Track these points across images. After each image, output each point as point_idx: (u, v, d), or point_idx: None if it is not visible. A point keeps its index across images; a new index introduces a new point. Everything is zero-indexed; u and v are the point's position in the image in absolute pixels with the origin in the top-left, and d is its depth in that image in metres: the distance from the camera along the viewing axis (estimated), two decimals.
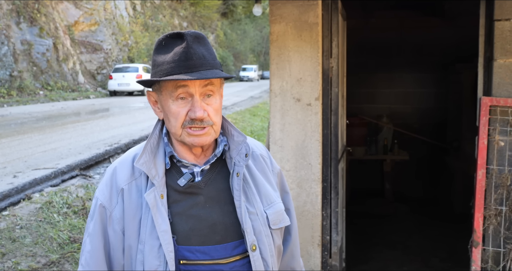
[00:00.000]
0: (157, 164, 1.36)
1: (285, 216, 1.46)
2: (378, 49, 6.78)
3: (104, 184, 1.40)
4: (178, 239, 1.33)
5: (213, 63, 1.33)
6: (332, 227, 3.52)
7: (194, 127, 1.32)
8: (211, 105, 1.34)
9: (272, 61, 3.35)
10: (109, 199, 1.37)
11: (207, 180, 1.38)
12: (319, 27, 3.28)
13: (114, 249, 1.36)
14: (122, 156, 1.46)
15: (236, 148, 1.41)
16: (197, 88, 1.31)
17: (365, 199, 6.55)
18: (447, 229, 5.43)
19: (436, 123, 6.83)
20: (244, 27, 53.19)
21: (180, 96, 1.32)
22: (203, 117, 1.32)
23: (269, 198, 1.44)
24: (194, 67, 1.30)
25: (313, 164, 3.35)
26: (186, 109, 1.32)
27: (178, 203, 1.35)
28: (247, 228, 1.35)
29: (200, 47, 1.32)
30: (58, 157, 7.91)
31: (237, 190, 1.37)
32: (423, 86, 6.89)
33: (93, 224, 1.37)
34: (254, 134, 12.00)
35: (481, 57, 3.15)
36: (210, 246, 1.34)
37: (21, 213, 4.96)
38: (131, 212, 1.35)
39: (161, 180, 1.35)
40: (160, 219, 1.31)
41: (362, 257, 4.65)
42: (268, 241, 1.40)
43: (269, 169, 1.50)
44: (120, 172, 1.40)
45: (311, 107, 3.31)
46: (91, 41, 27.93)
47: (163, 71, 1.32)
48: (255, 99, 23.01)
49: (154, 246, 1.31)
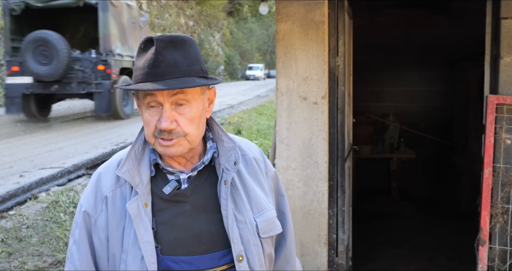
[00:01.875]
0: (142, 171, 1.31)
1: (276, 224, 1.41)
2: (385, 47, 6.77)
3: (89, 191, 1.35)
4: (162, 248, 1.29)
5: (186, 71, 1.25)
6: (338, 226, 3.52)
7: (162, 139, 1.27)
8: (183, 114, 1.27)
9: (279, 60, 3.36)
10: (93, 206, 1.33)
11: (194, 187, 1.33)
12: (326, 26, 3.28)
13: (99, 257, 1.33)
14: (108, 161, 1.40)
15: (225, 154, 1.35)
16: (165, 98, 1.24)
17: (371, 197, 6.55)
18: (453, 227, 5.42)
19: (442, 121, 6.81)
20: (250, 26, 53.18)
21: (150, 105, 1.27)
22: (171, 129, 1.25)
23: (259, 205, 1.39)
24: (161, 75, 1.23)
25: (320, 162, 3.36)
26: (156, 118, 1.26)
27: (163, 212, 1.31)
28: (233, 238, 1.31)
29: (173, 53, 1.24)
30: (65, 156, 7.95)
31: (224, 198, 1.32)
32: (429, 85, 6.87)
33: (78, 231, 1.34)
34: (260, 133, 12.00)
35: (488, 55, 3.14)
36: (196, 256, 1.30)
37: (27, 212, 4.99)
38: (114, 220, 1.30)
39: (145, 188, 1.30)
40: (142, 229, 1.27)
41: (369, 256, 4.65)
42: (257, 250, 1.35)
43: (262, 173, 1.44)
44: (104, 179, 1.35)
45: (317, 106, 3.32)
46: None
47: (135, 77, 1.27)
48: (261, 98, 23.00)
49: (136, 256, 1.27)
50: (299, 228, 3.45)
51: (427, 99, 6.90)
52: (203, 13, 45.02)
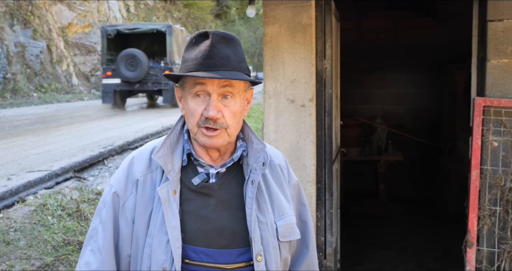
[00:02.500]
0: (174, 159, 1.36)
1: (295, 230, 1.44)
2: (372, 50, 6.79)
3: (121, 173, 1.39)
4: (185, 237, 1.32)
5: (236, 65, 1.32)
6: (326, 228, 3.52)
7: (208, 128, 1.31)
8: (228, 107, 1.32)
9: (266, 62, 3.35)
10: (124, 188, 1.37)
11: (221, 183, 1.37)
12: (313, 29, 3.28)
13: (123, 239, 1.36)
14: (141, 147, 1.46)
15: (254, 155, 1.39)
16: (214, 88, 1.30)
17: (359, 200, 6.56)
18: (442, 229, 5.44)
19: (430, 124, 6.85)
20: (238, 29, 53.21)
21: (198, 94, 1.31)
22: (217, 118, 1.30)
23: (281, 209, 1.42)
24: (214, 66, 1.29)
25: (307, 165, 3.35)
26: (203, 107, 1.31)
27: (190, 202, 1.35)
28: (255, 237, 1.34)
29: (226, 48, 1.31)
30: (52, 159, 7.87)
31: (250, 197, 1.35)
32: (417, 87, 6.91)
33: (106, 211, 1.36)
34: None
35: (475, 57, 3.16)
36: (215, 249, 1.32)
37: (15, 215, 4.92)
38: (142, 204, 1.34)
39: (176, 175, 1.34)
40: (170, 214, 1.30)
41: (357, 258, 4.65)
42: (275, 252, 1.38)
43: (285, 180, 1.48)
44: (137, 163, 1.39)
45: (305, 108, 3.31)
46: (84, 43, 27.85)
47: (186, 67, 1.32)
48: None
49: (162, 240, 1.30)
50: None
51: (414, 102, 6.94)
52: (191, 16, 44.97)
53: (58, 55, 24.54)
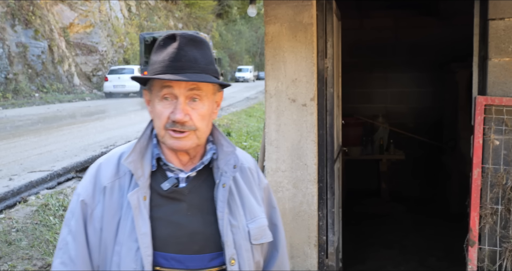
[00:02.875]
0: (144, 164, 1.34)
1: (267, 232, 1.44)
2: (373, 49, 6.78)
3: (88, 181, 1.36)
4: (155, 244, 1.29)
5: (204, 68, 1.30)
6: (328, 227, 3.51)
7: (175, 130, 1.30)
8: (196, 110, 1.31)
9: (267, 62, 3.35)
10: (92, 196, 1.33)
11: (192, 187, 1.35)
12: (314, 28, 3.28)
13: (92, 248, 1.33)
14: (108, 153, 1.43)
15: (224, 158, 1.38)
16: (182, 91, 1.29)
17: (361, 199, 6.55)
18: (443, 228, 5.44)
19: (432, 122, 6.84)
20: (240, 28, 53.21)
21: (165, 97, 1.30)
22: (184, 121, 1.29)
23: (253, 212, 1.41)
24: (182, 69, 1.28)
25: (309, 164, 3.35)
26: (170, 110, 1.30)
27: (160, 208, 1.32)
28: (227, 241, 1.32)
29: (193, 50, 1.30)
30: (54, 159, 7.90)
31: (222, 201, 1.34)
32: (418, 86, 6.90)
33: (75, 221, 1.33)
34: (250, 135, 11.99)
35: (476, 56, 3.16)
36: (187, 255, 1.30)
37: (17, 216, 4.95)
38: (110, 212, 1.31)
39: (146, 181, 1.32)
40: (141, 221, 1.28)
41: (359, 257, 4.65)
42: (248, 256, 1.37)
43: (255, 183, 1.48)
44: (104, 170, 1.36)
45: (306, 107, 3.31)
46: (86, 43, 27.89)
47: (153, 70, 1.31)
48: (251, 100, 23.01)
49: (131, 248, 1.28)
50: (288, 230, 3.43)
51: (416, 101, 6.93)
52: (192, 16, 44.99)
53: (60, 55, 24.57)
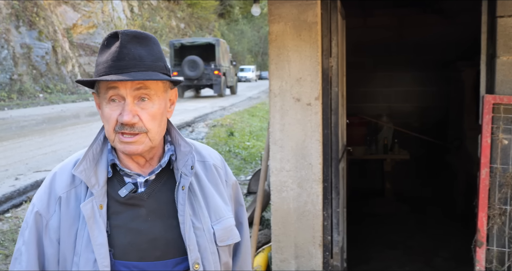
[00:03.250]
0: (98, 172, 1.27)
1: (234, 233, 1.38)
2: (378, 47, 6.75)
3: (43, 191, 1.30)
4: (116, 253, 1.25)
5: (151, 65, 1.24)
6: (333, 227, 3.49)
7: (125, 134, 1.23)
8: (146, 109, 1.24)
9: (271, 61, 3.32)
10: (46, 207, 1.28)
11: (151, 192, 1.29)
12: (318, 26, 3.25)
13: (49, 260, 1.28)
14: (64, 161, 1.36)
15: (182, 159, 1.32)
16: (128, 91, 1.22)
17: (365, 199, 6.51)
18: (449, 228, 5.40)
19: (436, 122, 6.79)
20: (242, 28, 53.19)
21: (112, 99, 1.24)
22: (133, 123, 1.22)
23: (218, 212, 1.35)
24: (125, 68, 1.21)
25: (314, 164, 3.32)
26: (117, 112, 1.23)
27: (118, 215, 1.27)
28: (190, 245, 1.27)
29: (138, 48, 1.23)
30: (59, 159, 7.90)
31: (182, 204, 1.28)
32: (423, 85, 6.86)
33: (28, 232, 1.28)
34: (253, 135, 11.96)
35: (484, 54, 3.11)
36: (149, 262, 1.25)
37: (23, 215, 4.96)
38: (67, 222, 1.26)
39: (102, 189, 1.26)
40: (96, 231, 1.23)
41: (363, 257, 4.61)
42: (214, 258, 1.32)
43: (222, 181, 1.42)
44: (59, 179, 1.30)
45: (311, 107, 3.28)
46: (89, 43, 27.92)
47: (97, 72, 1.25)
48: (253, 100, 22.98)
49: (89, 259, 1.23)
50: (293, 229, 3.41)
51: (421, 100, 6.88)
52: (194, 15, 45.00)
53: (63, 56, 24.61)
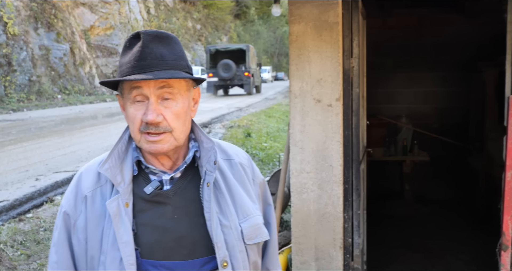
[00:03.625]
0: (124, 170, 1.27)
1: (263, 231, 1.36)
2: (397, 48, 6.69)
3: (69, 191, 1.32)
4: (142, 251, 1.23)
5: (173, 64, 1.24)
6: (354, 230, 3.46)
7: (150, 133, 1.23)
8: (170, 108, 1.24)
9: (292, 62, 3.30)
10: (73, 207, 1.28)
11: (177, 189, 1.29)
12: (340, 27, 3.22)
13: (78, 260, 1.28)
14: (90, 161, 1.38)
15: (205, 155, 1.31)
16: (152, 90, 1.22)
17: (384, 200, 6.46)
18: (470, 231, 5.32)
19: (456, 123, 6.71)
20: (258, 28, 53.24)
21: (136, 99, 1.24)
22: (158, 122, 1.22)
23: (245, 210, 1.33)
24: (148, 67, 1.21)
25: (334, 165, 3.30)
26: (142, 112, 1.23)
27: (144, 213, 1.26)
28: (218, 242, 1.25)
29: (160, 47, 1.23)
30: (78, 160, 7.99)
31: (207, 201, 1.27)
32: (443, 86, 6.78)
33: (58, 233, 1.30)
34: (270, 135, 11.94)
35: (509, 54, 3.05)
36: (176, 261, 1.24)
37: (44, 215, 5.01)
38: (94, 221, 1.26)
39: (127, 187, 1.26)
40: (122, 229, 1.22)
41: (383, 260, 4.57)
42: (242, 257, 1.29)
43: (249, 179, 1.40)
44: (85, 178, 1.31)
45: (331, 108, 3.26)
46: (106, 45, 28.19)
47: (120, 72, 1.25)
48: (269, 101, 22.97)
49: (115, 258, 1.22)
50: (313, 231, 3.39)
51: (440, 101, 6.81)
52: (210, 16, 45.16)
53: (81, 58, 24.88)
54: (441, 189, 6.70)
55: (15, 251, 4.19)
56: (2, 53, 18.68)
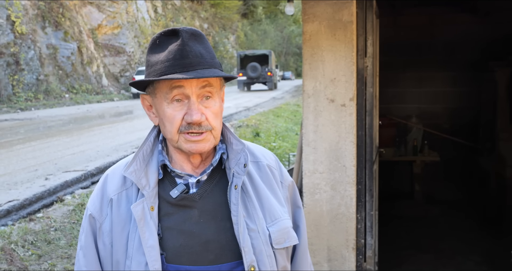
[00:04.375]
0: (149, 173, 1.25)
1: (291, 235, 1.32)
2: (407, 47, 6.65)
3: (95, 194, 1.30)
4: (168, 256, 1.21)
5: (211, 62, 1.22)
6: (367, 231, 3.44)
7: (192, 133, 1.21)
8: (210, 108, 1.22)
9: (305, 61, 3.29)
10: (99, 210, 1.27)
11: (203, 192, 1.26)
12: (354, 26, 3.20)
13: (104, 264, 1.27)
14: (116, 163, 1.36)
15: (235, 157, 1.28)
16: (193, 90, 1.20)
17: (393, 201, 6.42)
18: (480, 232, 5.29)
19: (467, 123, 6.66)
20: (265, 28, 53.19)
21: (176, 98, 1.21)
22: (201, 121, 1.20)
23: (273, 213, 1.30)
24: (191, 66, 1.18)
25: (348, 166, 3.28)
26: (183, 112, 1.20)
27: (170, 217, 1.24)
28: (245, 247, 1.22)
29: (197, 45, 1.21)
30: (87, 159, 8.00)
31: (235, 204, 1.23)
32: (453, 85, 6.73)
33: (85, 236, 1.28)
34: (278, 135, 11.93)
35: None
36: (202, 266, 1.21)
37: (54, 215, 5.01)
38: (119, 225, 1.24)
39: (152, 190, 1.23)
40: (147, 233, 1.20)
41: (394, 260, 4.55)
42: (270, 262, 1.26)
43: (277, 181, 1.36)
44: (111, 181, 1.29)
45: (345, 108, 3.24)
46: (114, 44, 28.26)
47: (157, 71, 1.20)
48: (277, 100, 22.95)
49: (140, 262, 1.20)
50: (326, 232, 3.37)
51: (451, 101, 6.76)
52: (218, 16, 45.19)
53: (89, 57, 24.96)
54: (451, 190, 6.65)
55: (26, 251, 4.19)
56: (10, 52, 18.76)
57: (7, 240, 4.24)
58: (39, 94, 20.10)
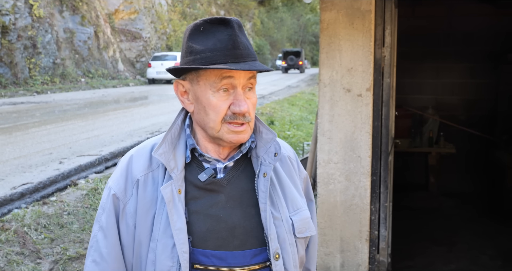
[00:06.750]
0: (177, 156, 1.25)
1: (311, 225, 1.34)
2: (425, 38, 6.55)
3: (119, 174, 1.28)
4: (194, 240, 1.21)
5: (255, 54, 1.24)
6: (380, 222, 3.42)
7: (235, 123, 1.22)
8: (251, 99, 1.24)
9: (322, 50, 3.25)
10: (123, 190, 1.25)
11: (230, 178, 1.26)
12: (372, 15, 3.16)
13: (124, 246, 1.25)
14: (139, 145, 1.34)
15: (264, 146, 1.29)
16: (241, 80, 1.21)
17: (408, 192, 6.39)
18: (496, 225, 5.24)
19: (484, 115, 6.57)
20: (281, 16, 52.76)
21: (223, 88, 1.21)
22: (247, 112, 1.22)
23: (295, 203, 1.32)
24: (241, 57, 1.19)
25: (363, 156, 3.26)
26: (228, 102, 1.21)
27: (197, 200, 1.24)
28: (271, 234, 1.24)
29: (242, 36, 1.21)
30: (101, 144, 8.04)
31: (263, 191, 1.25)
32: (471, 77, 6.63)
33: (106, 216, 1.26)
34: (293, 124, 11.90)
35: None
36: (228, 251, 1.22)
37: (68, 199, 5.04)
38: (144, 206, 1.23)
39: (180, 173, 1.23)
40: (175, 216, 1.19)
41: (407, 252, 4.53)
42: (292, 250, 1.28)
43: (296, 173, 1.39)
44: (136, 162, 1.28)
45: (361, 98, 3.21)
46: (130, 29, 28.28)
47: (204, 59, 1.19)
48: (292, 89, 22.85)
49: (167, 245, 1.20)
50: (339, 223, 3.36)
51: (468, 92, 6.66)
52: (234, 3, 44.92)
53: (105, 41, 25.03)
54: (467, 182, 6.59)
55: (39, 234, 4.23)
56: (28, 35, 18.89)
57: (20, 223, 4.28)
58: (55, 78, 20.24)
